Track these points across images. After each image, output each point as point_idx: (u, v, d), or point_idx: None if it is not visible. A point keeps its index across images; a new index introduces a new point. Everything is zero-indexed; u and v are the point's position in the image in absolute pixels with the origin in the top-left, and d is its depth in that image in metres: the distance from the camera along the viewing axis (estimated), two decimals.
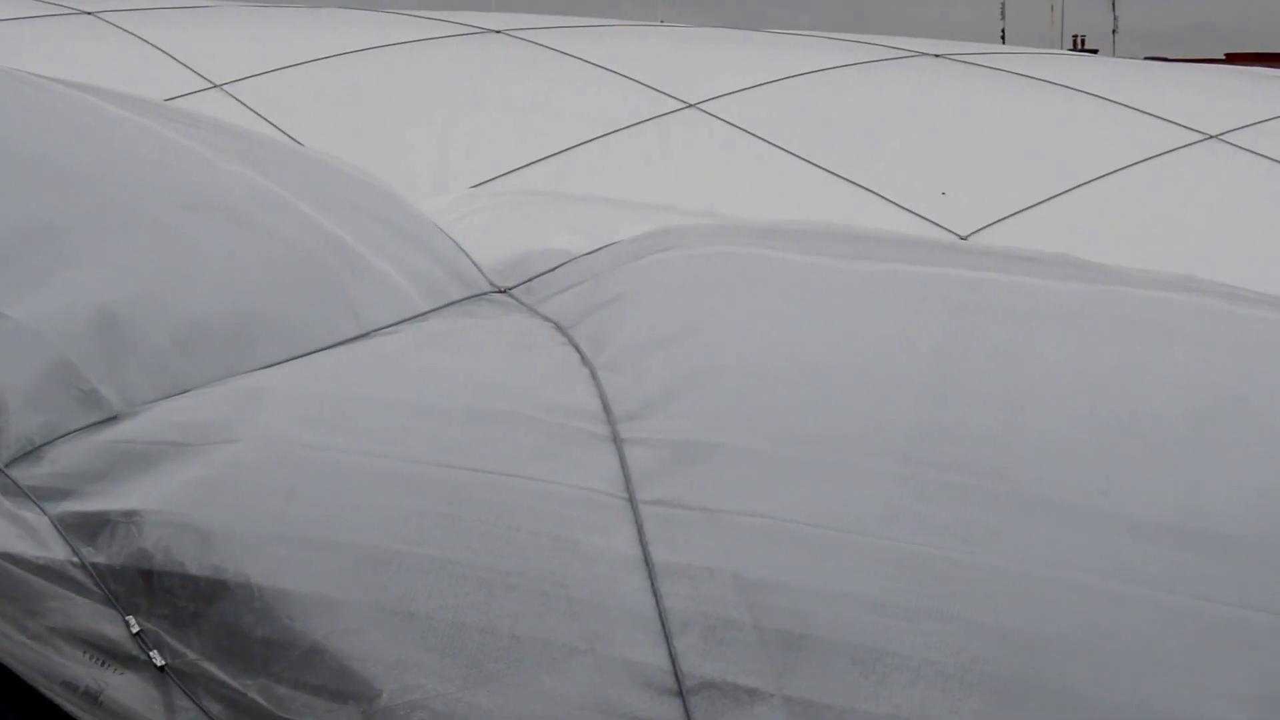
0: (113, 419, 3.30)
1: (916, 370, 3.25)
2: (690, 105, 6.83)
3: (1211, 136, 7.59)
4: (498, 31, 7.59)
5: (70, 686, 3.07)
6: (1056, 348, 3.34)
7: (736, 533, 2.99)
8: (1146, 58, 20.79)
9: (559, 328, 3.68)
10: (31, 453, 3.23)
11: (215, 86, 6.78)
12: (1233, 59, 27.11)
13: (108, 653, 3.08)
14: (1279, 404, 3.26)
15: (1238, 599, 2.90)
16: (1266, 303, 3.77)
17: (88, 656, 3.08)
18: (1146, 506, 3.02)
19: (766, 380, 3.26)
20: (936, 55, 8.42)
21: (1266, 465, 3.10)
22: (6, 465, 3.20)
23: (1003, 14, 33.45)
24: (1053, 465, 3.07)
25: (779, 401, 3.20)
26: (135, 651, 3.08)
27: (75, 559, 3.11)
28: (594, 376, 3.40)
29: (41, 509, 3.16)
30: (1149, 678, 2.84)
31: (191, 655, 3.09)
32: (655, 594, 2.96)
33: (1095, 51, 28.23)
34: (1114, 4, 33.28)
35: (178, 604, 3.12)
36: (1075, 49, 30.48)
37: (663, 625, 2.92)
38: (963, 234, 6.88)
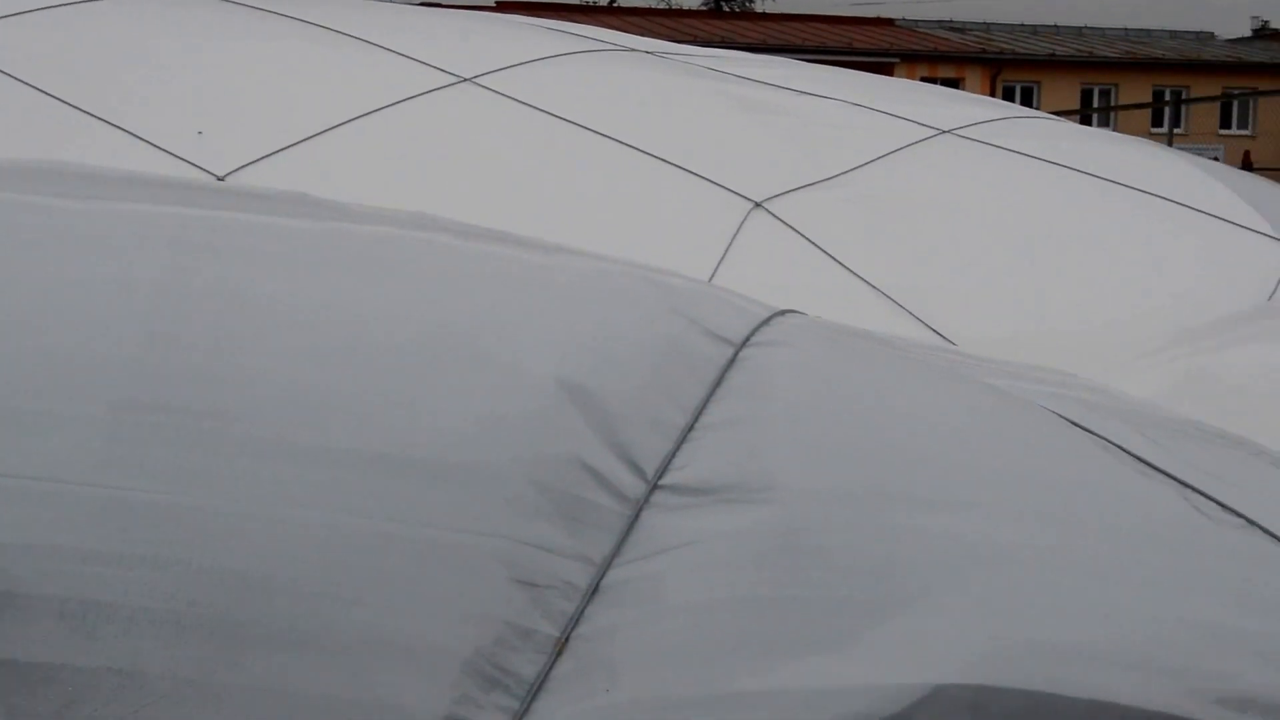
0: None
1: (133, 313, 3.17)
2: None
3: (466, 79, 7.83)
4: None
5: None
6: (279, 285, 3.34)
7: None
8: (421, 3, 21.23)
9: None
10: None
11: None
12: (502, 8, 28.11)
13: None
14: (498, 334, 3.39)
15: (455, 524, 3.01)
16: (494, 238, 3.92)
17: None
18: (367, 439, 3.07)
19: None
20: None
21: (485, 394, 3.23)
22: None
23: None
24: (272, 403, 3.07)
25: None
26: None
27: None
28: None
29: None
30: (370, 607, 2.90)
31: None
32: None
33: None
34: None
35: None
36: None
37: None
38: (220, 174, 6.79)
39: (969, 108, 8.74)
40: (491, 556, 2.96)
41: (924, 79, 34.02)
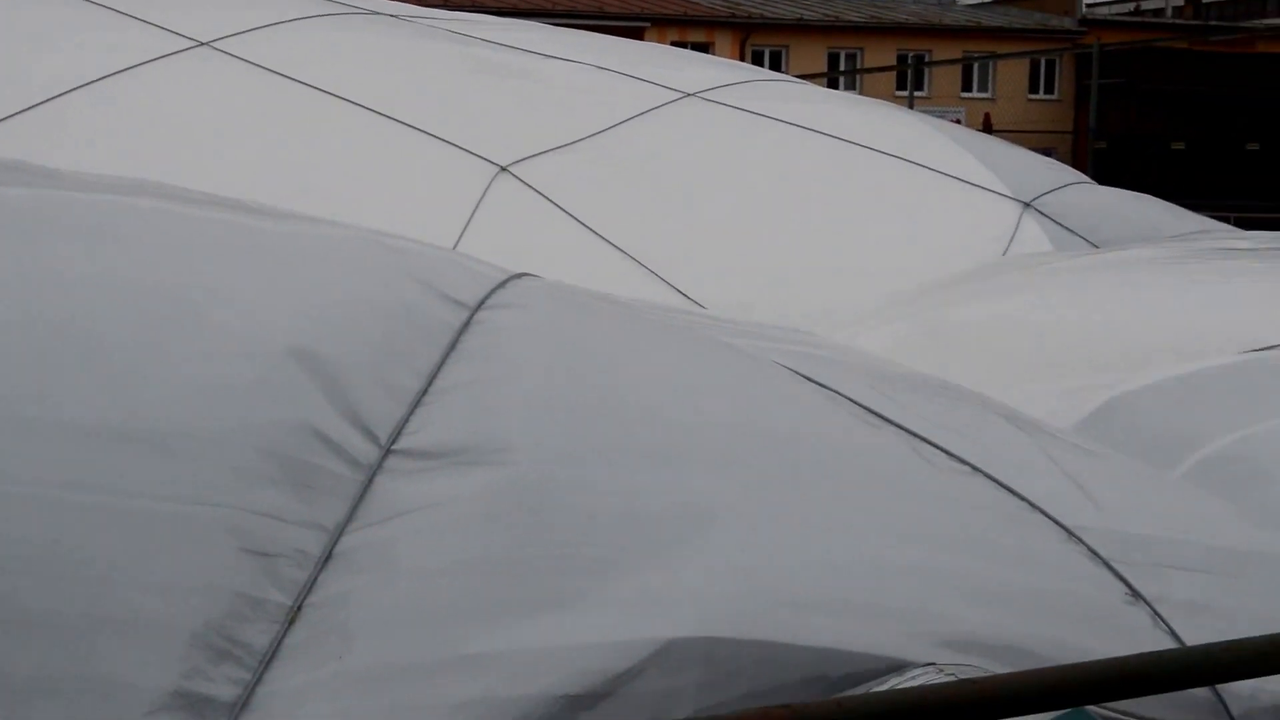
0: None
1: None
2: None
3: (203, 44, 7.66)
4: None
5: None
6: None
7: None
8: None
9: None
10: None
11: None
12: None
13: None
14: (225, 302, 3.33)
15: (180, 495, 2.94)
16: (221, 204, 3.84)
17: None
18: (86, 411, 2.99)
19: None
20: None
21: (210, 362, 3.16)
22: None
23: None
24: None
25: None
26: None
27: None
28: None
29: None
30: (91, 583, 2.82)
31: None
32: None
33: None
34: None
35: None
36: None
37: None
38: None
39: (714, 71, 8.84)
40: (219, 527, 2.90)
41: (674, 43, 34.29)
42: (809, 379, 3.71)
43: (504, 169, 7.01)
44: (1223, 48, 40.33)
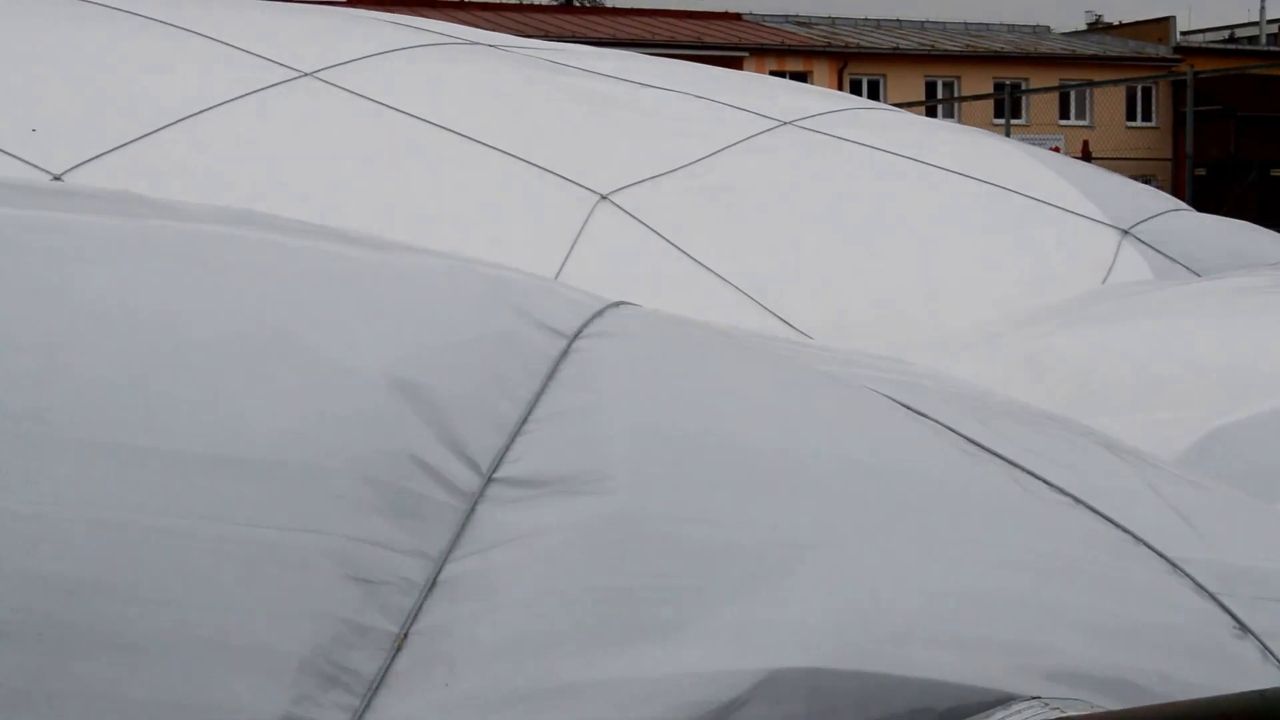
0: None
1: None
2: None
3: (307, 74, 7.77)
4: None
5: None
6: (102, 285, 3.28)
7: None
8: None
9: None
10: None
11: None
12: (353, 2, 27.91)
13: None
14: (326, 331, 3.36)
15: (281, 522, 2.97)
16: (322, 234, 3.89)
17: None
18: (191, 440, 3.02)
19: None
20: None
21: (313, 391, 3.20)
22: None
23: None
24: (93, 404, 3.01)
25: None
26: None
27: None
28: None
29: None
30: (201, 609, 2.85)
31: None
32: None
33: None
34: None
35: None
36: None
37: None
38: (56, 173, 6.67)
39: (809, 100, 8.83)
40: (324, 554, 2.93)
41: (772, 73, 34.32)
42: (907, 407, 3.69)
43: (604, 197, 7.04)
44: None
